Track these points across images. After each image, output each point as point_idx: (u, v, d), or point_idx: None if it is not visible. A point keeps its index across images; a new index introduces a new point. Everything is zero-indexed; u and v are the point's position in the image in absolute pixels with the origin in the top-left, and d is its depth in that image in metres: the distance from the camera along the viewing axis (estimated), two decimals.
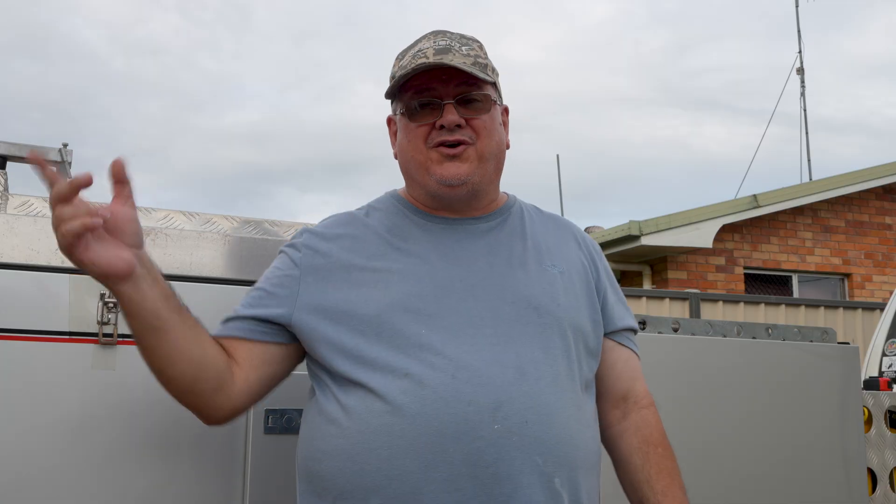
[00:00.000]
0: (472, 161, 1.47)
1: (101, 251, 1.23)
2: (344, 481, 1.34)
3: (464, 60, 1.46)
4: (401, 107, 1.51)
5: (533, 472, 1.33)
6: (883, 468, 2.74)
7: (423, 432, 1.31)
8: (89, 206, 1.20)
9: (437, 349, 1.36)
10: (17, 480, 1.55)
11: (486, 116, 1.49)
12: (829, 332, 2.65)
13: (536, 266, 1.51)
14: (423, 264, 1.46)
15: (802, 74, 12.92)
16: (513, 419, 1.33)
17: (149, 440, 1.64)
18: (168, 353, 1.34)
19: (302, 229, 1.57)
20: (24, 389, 1.57)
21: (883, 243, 11.13)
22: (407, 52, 1.52)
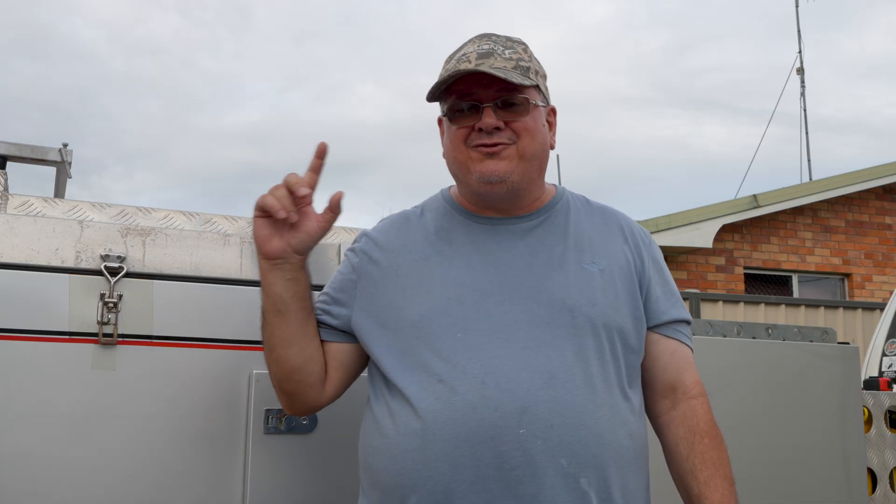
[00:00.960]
0: (511, 159, 1.51)
1: (272, 230, 1.48)
2: (388, 478, 1.44)
3: (504, 65, 1.50)
4: (445, 108, 1.57)
5: (557, 474, 1.38)
6: (883, 468, 2.74)
7: (454, 436, 1.38)
8: (296, 200, 1.47)
9: (470, 354, 1.43)
10: (18, 480, 1.55)
11: (526, 118, 1.52)
12: (829, 332, 2.65)
13: (575, 266, 1.53)
14: (465, 268, 1.52)
15: (802, 74, 12.92)
16: (538, 423, 1.38)
17: (149, 440, 1.65)
18: (283, 336, 1.50)
19: (361, 233, 1.67)
20: (24, 389, 1.57)
21: (883, 243, 11.13)
22: (454, 55, 1.57)
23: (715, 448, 1.56)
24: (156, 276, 1.71)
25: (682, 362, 1.63)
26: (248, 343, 1.75)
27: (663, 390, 1.60)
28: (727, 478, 1.54)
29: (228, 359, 1.73)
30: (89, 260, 1.67)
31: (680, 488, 1.57)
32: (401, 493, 1.41)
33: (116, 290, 1.66)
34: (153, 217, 1.83)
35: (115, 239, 1.70)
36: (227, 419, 1.72)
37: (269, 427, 1.73)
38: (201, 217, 1.87)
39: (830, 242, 10.85)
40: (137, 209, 1.83)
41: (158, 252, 1.73)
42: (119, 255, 1.69)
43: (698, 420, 1.57)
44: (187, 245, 1.76)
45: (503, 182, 1.51)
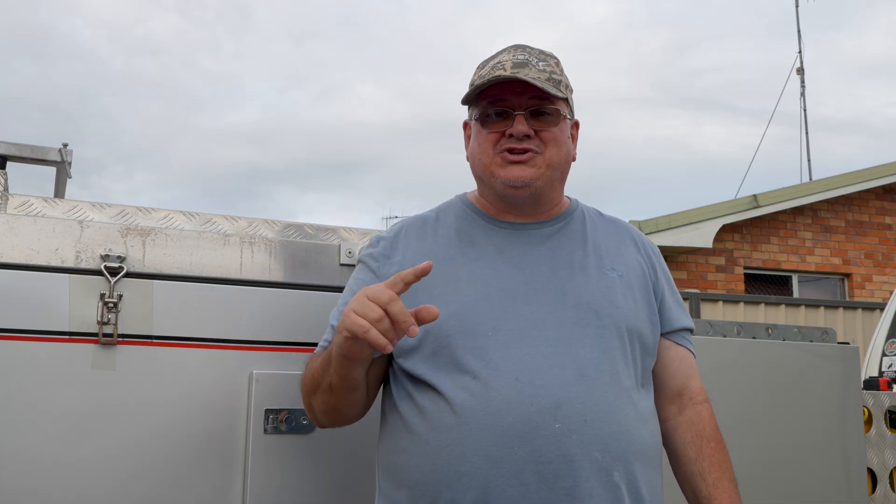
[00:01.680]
0: (538, 167, 1.55)
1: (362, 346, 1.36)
2: (419, 475, 1.44)
3: (539, 75, 1.53)
4: (476, 113, 1.60)
5: (592, 467, 1.41)
6: (883, 468, 2.74)
7: (490, 432, 1.40)
8: (398, 329, 1.30)
9: (502, 352, 1.45)
10: (18, 480, 1.55)
11: (555, 129, 1.57)
12: (829, 332, 2.65)
13: (596, 270, 1.58)
14: (489, 269, 1.54)
15: (802, 74, 12.91)
16: (572, 418, 1.41)
17: (149, 440, 1.65)
18: (349, 402, 1.50)
19: (375, 238, 1.66)
20: (24, 389, 1.57)
21: (883, 243, 11.13)
22: (487, 62, 1.60)
23: (721, 452, 1.62)
24: (156, 276, 1.71)
25: (689, 369, 1.69)
26: (248, 343, 1.75)
27: (671, 395, 1.65)
28: (733, 480, 1.61)
29: (228, 359, 1.73)
30: (89, 260, 1.67)
31: (687, 491, 1.61)
32: (434, 490, 1.42)
33: (116, 290, 1.66)
34: (153, 217, 1.83)
35: (115, 239, 1.70)
36: (227, 419, 1.72)
37: (269, 427, 1.73)
38: (201, 217, 1.87)
39: (830, 242, 10.85)
40: (137, 209, 1.83)
41: (158, 252, 1.73)
42: (119, 255, 1.69)
43: (705, 425, 1.63)
44: (187, 245, 1.76)
45: (528, 187, 1.55)
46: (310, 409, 1.55)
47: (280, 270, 1.83)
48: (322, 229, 1.96)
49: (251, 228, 1.91)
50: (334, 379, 1.44)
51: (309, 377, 1.51)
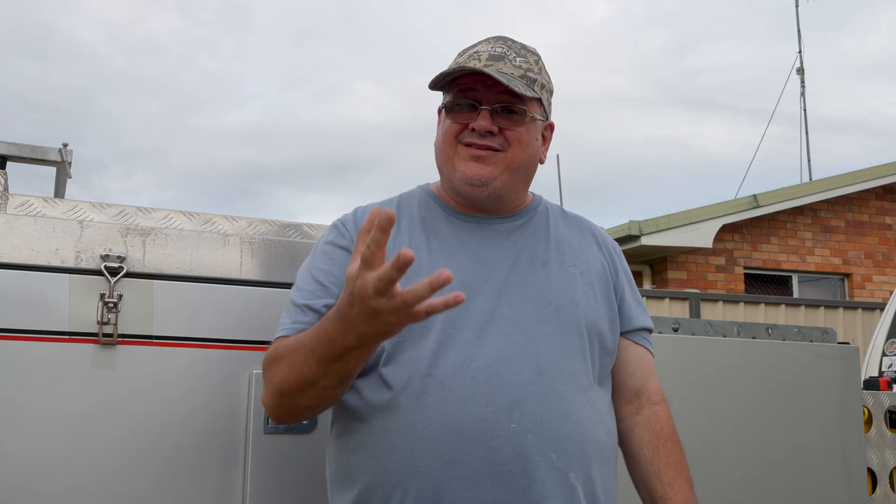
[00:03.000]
0: (497, 166, 1.52)
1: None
2: (370, 475, 1.40)
3: (512, 71, 1.50)
4: (444, 100, 1.57)
5: (548, 468, 1.38)
6: (883, 468, 2.74)
7: (444, 431, 1.36)
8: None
9: (459, 349, 1.41)
10: (18, 480, 1.55)
11: (520, 129, 1.52)
12: (829, 332, 2.65)
13: (558, 266, 1.56)
14: (451, 262, 1.50)
15: (802, 74, 12.92)
16: (528, 418, 1.39)
17: (149, 440, 1.65)
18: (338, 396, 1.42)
19: (338, 221, 1.60)
20: (24, 389, 1.57)
21: (883, 243, 11.13)
22: (466, 50, 1.57)
23: (678, 452, 1.60)
24: (156, 276, 1.71)
25: (648, 368, 1.67)
26: (248, 343, 1.75)
27: (629, 395, 1.63)
28: (689, 481, 1.58)
29: (228, 359, 1.73)
30: (89, 260, 1.67)
31: (642, 491, 1.59)
32: (384, 492, 1.38)
33: (116, 290, 1.66)
34: (153, 217, 1.83)
35: (115, 239, 1.70)
36: (227, 419, 1.72)
37: (269, 427, 1.73)
38: (201, 217, 1.87)
39: (830, 242, 10.85)
40: (137, 209, 1.83)
41: (158, 252, 1.73)
42: (119, 255, 1.69)
43: (662, 425, 1.61)
44: (187, 245, 1.76)
45: (485, 186, 1.52)
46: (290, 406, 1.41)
47: (280, 270, 1.83)
48: (322, 229, 1.95)
49: (251, 228, 1.91)
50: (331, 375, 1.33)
51: (297, 375, 1.36)
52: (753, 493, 2.39)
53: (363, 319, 1.20)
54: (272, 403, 1.43)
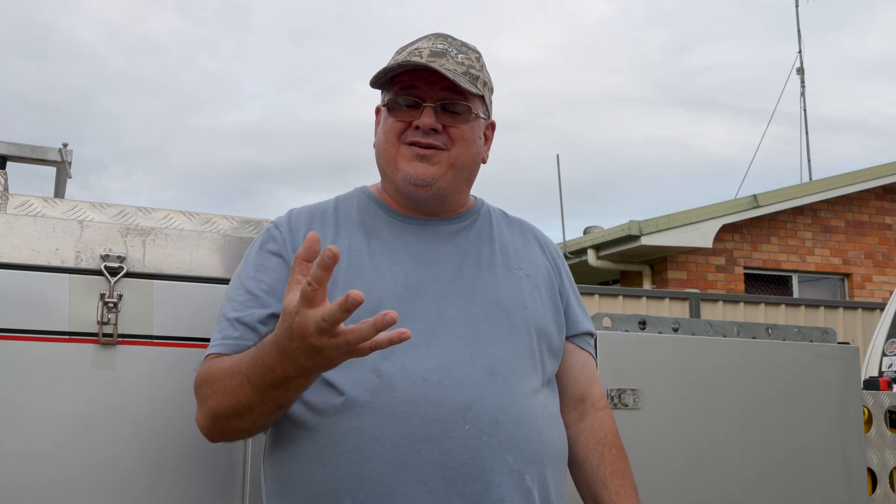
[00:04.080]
0: (441, 165, 1.49)
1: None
2: (315, 484, 1.35)
3: (455, 68, 1.47)
4: (385, 98, 1.52)
5: (504, 470, 1.36)
6: (883, 468, 2.74)
7: (395, 434, 1.32)
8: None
9: (409, 351, 1.37)
10: (18, 480, 1.55)
11: (464, 126, 1.50)
12: (829, 332, 2.65)
13: (504, 269, 1.54)
14: (395, 264, 1.47)
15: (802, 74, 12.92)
16: (483, 419, 1.36)
17: (149, 440, 1.64)
18: (267, 421, 1.36)
19: (271, 225, 1.54)
20: (24, 389, 1.57)
21: (883, 243, 11.13)
22: (406, 47, 1.53)
23: (622, 459, 1.58)
24: (156, 276, 1.71)
25: (591, 374, 1.65)
26: None
27: (573, 401, 1.61)
28: (634, 488, 1.56)
29: None
30: (89, 260, 1.67)
31: (587, 498, 1.56)
32: (331, 499, 1.33)
33: (116, 290, 1.66)
34: (153, 217, 1.83)
35: (115, 239, 1.70)
36: None
37: None
38: (201, 217, 1.87)
39: (830, 242, 10.85)
40: (137, 209, 1.83)
41: (158, 252, 1.73)
42: (119, 255, 1.69)
43: (606, 432, 1.59)
44: (187, 245, 1.76)
45: (429, 187, 1.48)
46: (224, 429, 1.36)
47: None
48: None
49: (251, 228, 1.91)
50: (280, 399, 1.27)
51: (232, 401, 1.30)
52: (753, 493, 2.39)
53: (303, 354, 1.15)
54: (205, 425, 1.39)
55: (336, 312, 1.06)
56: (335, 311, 1.06)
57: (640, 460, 2.24)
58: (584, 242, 10.13)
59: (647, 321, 2.37)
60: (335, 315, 1.07)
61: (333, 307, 1.06)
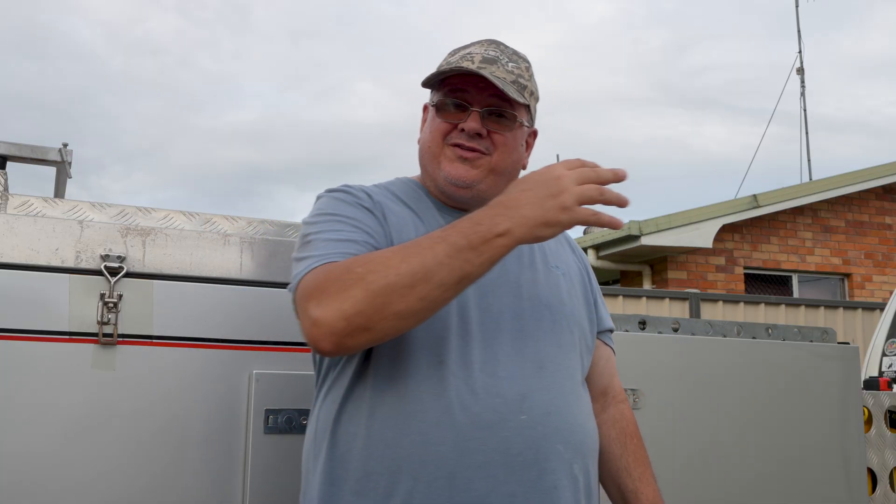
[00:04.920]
0: (482, 170, 1.52)
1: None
2: (373, 463, 1.37)
3: (504, 76, 1.50)
4: (434, 98, 1.57)
5: (557, 459, 1.41)
6: (883, 468, 2.74)
7: (458, 420, 1.36)
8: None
9: (466, 342, 1.42)
10: (18, 480, 1.55)
11: (508, 133, 1.54)
12: (829, 332, 2.65)
13: (543, 266, 1.58)
14: None
15: (802, 75, 12.92)
16: (536, 410, 1.41)
17: (148, 440, 1.65)
18: (429, 306, 1.30)
19: (352, 189, 1.53)
20: (24, 389, 1.57)
21: (883, 243, 11.13)
22: (458, 50, 1.58)
23: (643, 448, 1.68)
24: (156, 276, 1.71)
25: (613, 368, 1.74)
26: (247, 343, 1.75)
27: (597, 393, 1.67)
28: (654, 475, 1.66)
29: (228, 359, 1.73)
30: (89, 260, 1.67)
31: (611, 485, 1.65)
32: (391, 478, 1.35)
33: (116, 290, 1.66)
34: (153, 217, 1.83)
35: (115, 239, 1.70)
36: (227, 419, 1.72)
37: (269, 427, 1.73)
38: (201, 217, 1.87)
39: (830, 242, 10.85)
40: (137, 209, 1.83)
41: (158, 252, 1.73)
42: (119, 255, 1.69)
43: (627, 422, 1.68)
44: (187, 245, 1.76)
45: (469, 188, 1.52)
46: (378, 312, 1.25)
47: (280, 270, 1.83)
48: None
49: (251, 228, 1.91)
50: (468, 266, 1.25)
51: (410, 266, 1.24)
52: (753, 492, 2.39)
53: (534, 198, 1.25)
54: (354, 310, 1.25)
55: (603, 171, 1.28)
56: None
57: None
58: (584, 242, 10.12)
59: (647, 321, 2.37)
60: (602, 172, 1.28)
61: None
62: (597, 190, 1.27)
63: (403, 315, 1.27)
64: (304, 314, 1.31)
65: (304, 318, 1.31)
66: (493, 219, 1.25)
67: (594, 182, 1.27)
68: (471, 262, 1.26)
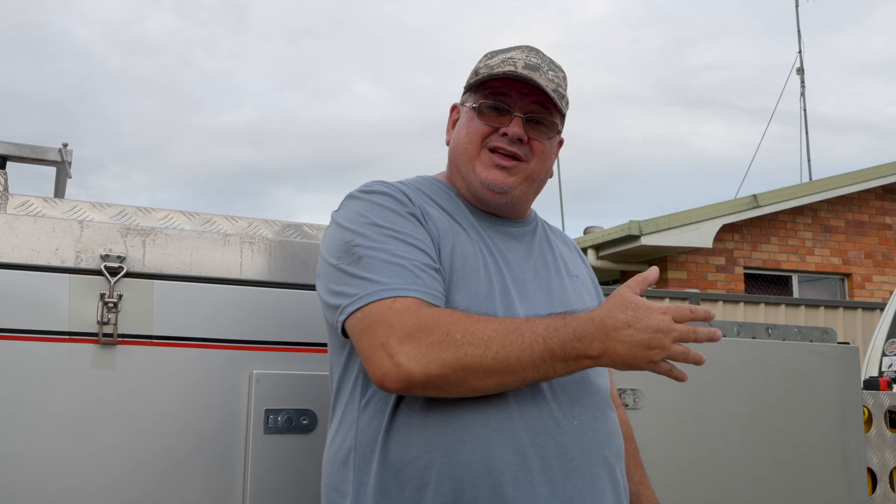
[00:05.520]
0: (519, 176, 1.53)
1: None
2: (433, 471, 1.33)
3: (547, 84, 1.51)
4: (474, 100, 1.55)
5: (603, 464, 1.43)
6: (883, 468, 2.74)
7: (518, 426, 1.35)
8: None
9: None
10: (18, 480, 1.55)
11: (547, 142, 1.55)
12: (829, 332, 2.65)
13: (566, 274, 1.61)
14: (489, 259, 1.49)
15: (802, 74, 12.91)
16: (585, 416, 1.43)
17: (149, 440, 1.65)
18: (496, 391, 1.36)
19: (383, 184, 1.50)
20: (24, 389, 1.57)
21: (883, 243, 11.13)
22: (497, 54, 1.57)
23: (638, 452, 1.73)
24: (156, 276, 1.71)
25: (610, 374, 1.73)
26: (248, 343, 1.75)
27: None
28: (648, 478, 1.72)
29: (228, 359, 1.73)
30: (89, 260, 1.67)
31: None
32: (453, 486, 1.32)
33: (116, 290, 1.66)
34: (153, 217, 1.83)
35: (115, 239, 1.70)
36: (227, 419, 1.72)
37: (269, 427, 1.73)
38: (201, 217, 1.87)
39: (830, 242, 10.85)
40: (137, 209, 1.83)
41: (158, 252, 1.73)
42: (119, 255, 1.69)
43: (626, 427, 1.72)
44: (187, 245, 1.76)
45: (505, 194, 1.53)
46: (458, 382, 1.30)
47: (280, 270, 1.83)
48: (321, 229, 1.95)
49: (251, 228, 1.91)
50: (551, 373, 1.32)
51: (507, 355, 1.28)
52: (753, 492, 2.39)
53: (633, 340, 1.28)
54: (440, 373, 1.28)
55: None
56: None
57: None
58: (584, 242, 10.13)
59: None
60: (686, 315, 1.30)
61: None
62: (693, 335, 1.31)
63: (477, 391, 1.32)
64: (383, 347, 1.30)
65: (380, 351, 1.30)
66: (592, 341, 1.29)
67: (690, 338, 1.31)
68: (556, 370, 1.32)
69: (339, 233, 1.45)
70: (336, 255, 1.42)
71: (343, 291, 1.38)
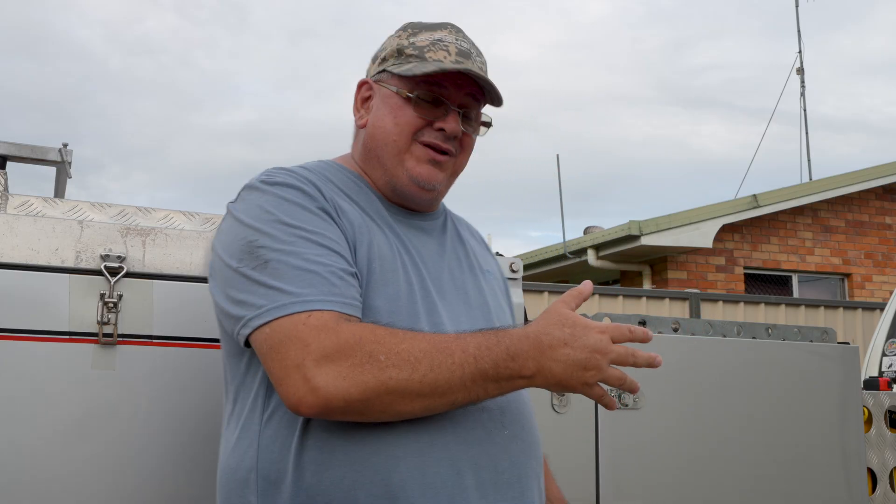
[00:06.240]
0: (447, 172, 1.44)
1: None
2: (363, 494, 1.20)
3: (484, 74, 1.42)
4: (403, 86, 1.40)
5: (531, 475, 1.36)
6: (883, 468, 2.74)
7: (451, 439, 1.25)
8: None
9: None
10: (18, 480, 1.55)
11: (474, 136, 1.47)
12: (829, 332, 2.65)
13: (479, 271, 1.52)
14: (406, 257, 1.38)
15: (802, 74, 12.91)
16: (515, 424, 1.34)
17: (149, 440, 1.64)
18: (422, 415, 1.24)
19: (289, 173, 1.35)
20: (24, 389, 1.57)
21: (883, 243, 11.13)
22: (421, 30, 1.45)
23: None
24: (156, 276, 1.71)
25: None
26: None
27: None
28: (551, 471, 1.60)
29: None
30: (89, 260, 1.67)
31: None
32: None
33: (116, 290, 1.66)
34: (153, 217, 1.83)
35: (115, 239, 1.70)
36: None
37: None
38: (201, 217, 1.87)
39: (830, 242, 10.85)
40: (137, 209, 1.83)
41: (158, 252, 1.73)
42: (119, 255, 1.68)
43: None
44: (187, 245, 1.76)
45: (433, 191, 1.43)
46: (383, 407, 1.18)
47: None
48: None
49: None
50: (482, 395, 1.21)
51: (435, 378, 1.17)
52: (753, 492, 2.39)
53: (569, 361, 1.18)
54: (362, 397, 1.16)
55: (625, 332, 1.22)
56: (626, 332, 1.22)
57: (639, 460, 2.24)
58: (584, 242, 10.13)
59: (647, 321, 2.37)
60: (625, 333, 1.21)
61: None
62: (631, 358, 1.22)
63: (402, 415, 1.20)
64: (298, 369, 1.16)
65: (295, 374, 1.16)
66: (525, 360, 1.18)
67: (628, 361, 1.22)
68: (488, 391, 1.21)
69: (240, 230, 1.28)
70: (237, 256, 1.26)
71: (247, 301, 1.22)
